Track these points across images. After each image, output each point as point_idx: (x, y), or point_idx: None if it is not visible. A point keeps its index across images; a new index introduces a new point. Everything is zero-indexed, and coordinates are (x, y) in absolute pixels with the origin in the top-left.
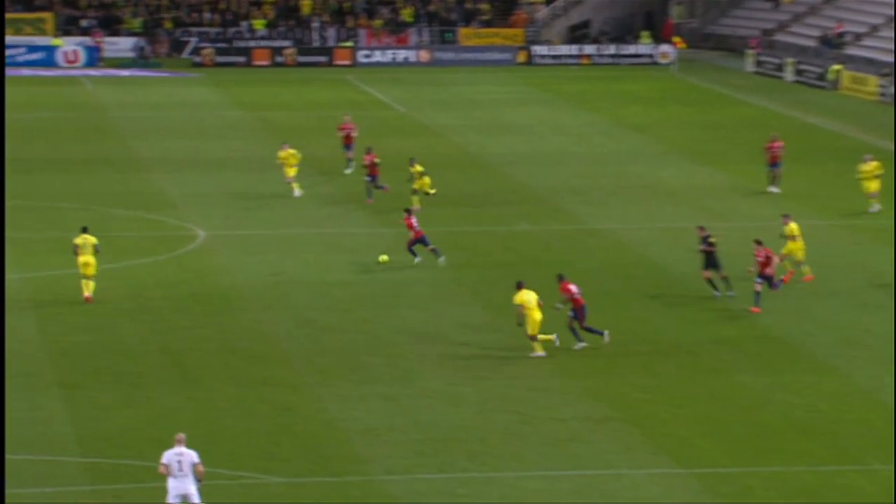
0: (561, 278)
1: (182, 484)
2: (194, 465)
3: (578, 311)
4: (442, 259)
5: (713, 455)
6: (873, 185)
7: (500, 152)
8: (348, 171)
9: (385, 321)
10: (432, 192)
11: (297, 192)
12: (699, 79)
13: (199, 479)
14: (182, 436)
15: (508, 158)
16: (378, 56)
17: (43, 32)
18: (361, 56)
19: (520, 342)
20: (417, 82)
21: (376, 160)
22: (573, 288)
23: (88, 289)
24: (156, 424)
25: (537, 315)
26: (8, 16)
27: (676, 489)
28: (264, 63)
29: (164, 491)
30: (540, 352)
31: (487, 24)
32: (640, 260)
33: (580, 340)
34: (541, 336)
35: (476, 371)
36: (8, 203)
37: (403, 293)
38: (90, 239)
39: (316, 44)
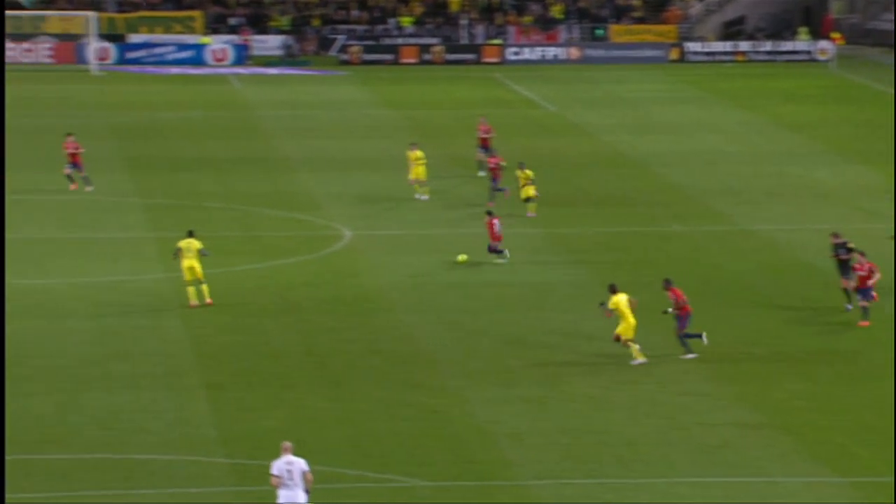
0: (669, 284)
1: (293, 493)
2: (304, 474)
3: (683, 319)
4: (506, 254)
5: (871, 464)
6: None
7: (651, 151)
8: (483, 174)
9: (531, 323)
10: (532, 195)
11: (423, 195)
12: (859, 76)
13: (307, 487)
14: (289, 444)
15: (660, 158)
16: (527, 53)
17: (192, 31)
18: (510, 53)
19: (670, 345)
20: (567, 80)
21: (502, 163)
22: (682, 294)
23: (195, 295)
24: (301, 426)
25: (632, 319)
26: (158, 14)
27: (832, 498)
28: (412, 61)
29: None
30: (641, 358)
31: (639, 20)
32: (793, 262)
33: (690, 352)
34: (632, 344)
35: (625, 375)
36: (156, 202)
37: (549, 294)
38: (195, 243)
39: (464, 41)
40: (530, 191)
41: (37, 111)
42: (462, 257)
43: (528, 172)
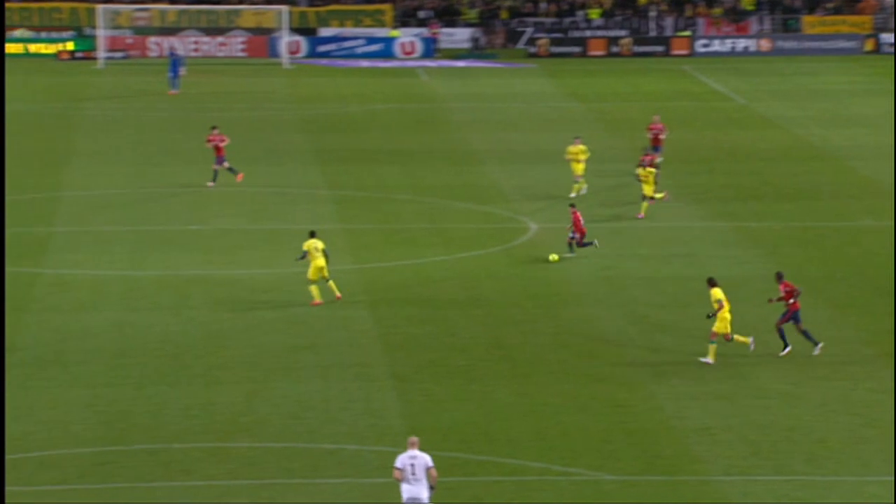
0: (781, 277)
1: (415, 489)
2: (428, 470)
3: (790, 313)
4: (595, 243)
5: None
6: None
7: (844, 145)
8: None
9: None
10: (659, 196)
11: (583, 189)
12: None
13: (432, 483)
14: (415, 439)
15: (853, 151)
16: (717, 45)
17: (381, 24)
18: (699, 46)
19: (863, 342)
20: (757, 72)
21: (656, 161)
22: (794, 289)
23: (318, 294)
24: (488, 419)
25: (728, 315)
26: (348, 7)
27: None
28: (600, 53)
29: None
30: (710, 358)
31: (833, 11)
32: None
33: (787, 346)
34: (737, 337)
35: (815, 370)
36: (345, 194)
37: (739, 289)
38: (319, 243)
39: (653, 33)
40: (649, 189)
41: (229, 104)
42: (554, 256)
43: (651, 170)
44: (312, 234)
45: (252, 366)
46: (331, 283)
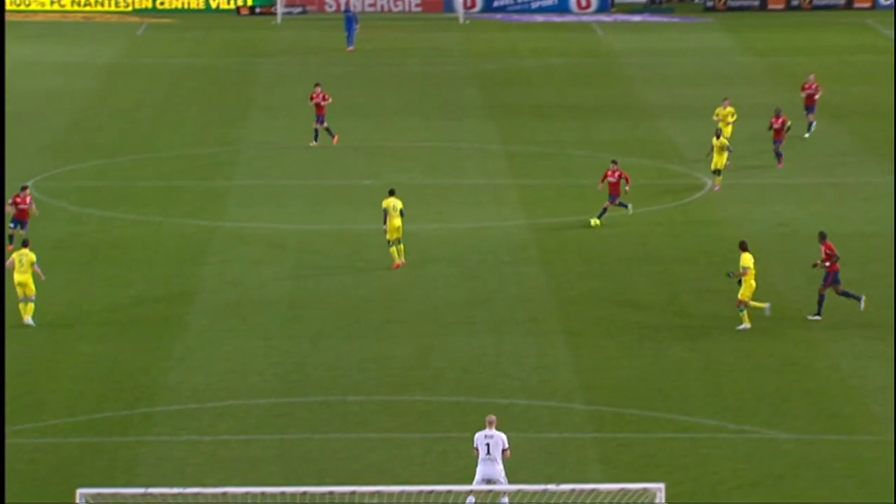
0: (824, 237)
1: (489, 468)
2: (503, 451)
3: (831, 276)
4: (630, 208)
5: None
6: None
7: None
8: (807, 136)
9: None
10: (722, 166)
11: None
12: None
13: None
14: (493, 418)
15: None
16: None
17: None
18: None
19: None
20: None
21: (788, 123)
22: (834, 251)
23: (396, 255)
24: (661, 376)
25: (753, 282)
26: None
27: None
28: (779, 7)
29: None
30: (746, 324)
31: None
32: None
33: (819, 314)
34: (753, 303)
35: None
36: (518, 149)
37: None
38: (398, 203)
39: None
40: (722, 161)
41: (404, 60)
42: (595, 221)
43: (724, 140)
44: (392, 193)
45: (426, 320)
46: (401, 246)
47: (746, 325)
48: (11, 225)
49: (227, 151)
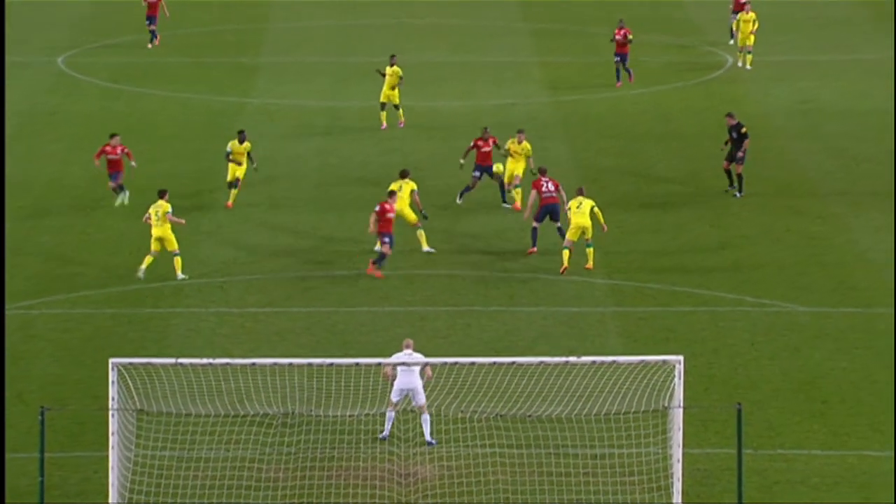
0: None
1: (406, 378)
2: (423, 368)
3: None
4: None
5: None
6: None
7: None
8: None
9: None
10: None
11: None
12: None
13: (427, 379)
14: (410, 341)
15: None
16: None
17: None
18: None
19: None
20: None
21: None
22: None
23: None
24: (683, 250)
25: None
26: None
27: None
28: None
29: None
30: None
31: None
32: None
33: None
34: None
35: None
36: (542, 27)
37: None
38: (410, 185)
39: None
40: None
41: None
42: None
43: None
44: (404, 175)
45: (452, 196)
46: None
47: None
48: (112, 182)
49: (255, 28)
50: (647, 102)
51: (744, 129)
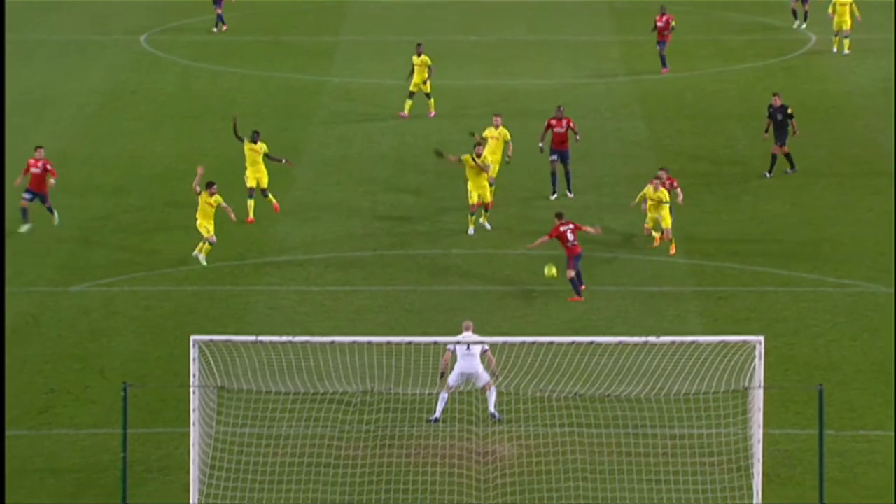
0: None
1: (467, 363)
2: (483, 353)
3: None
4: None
5: None
6: None
7: None
8: None
9: None
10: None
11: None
12: None
13: (492, 370)
14: (469, 323)
15: None
16: None
17: None
18: None
19: None
20: None
21: None
22: None
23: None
24: (761, 230)
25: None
26: None
27: None
28: None
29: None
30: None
31: None
32: None
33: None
34: None
35: None
36: (622, 5)
37: None
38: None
39: None
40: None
41: None
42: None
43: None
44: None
45: (528, 175)
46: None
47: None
48: (26, 196)
49: (334, 6)
50: (728, 81)
51: (790, 110)
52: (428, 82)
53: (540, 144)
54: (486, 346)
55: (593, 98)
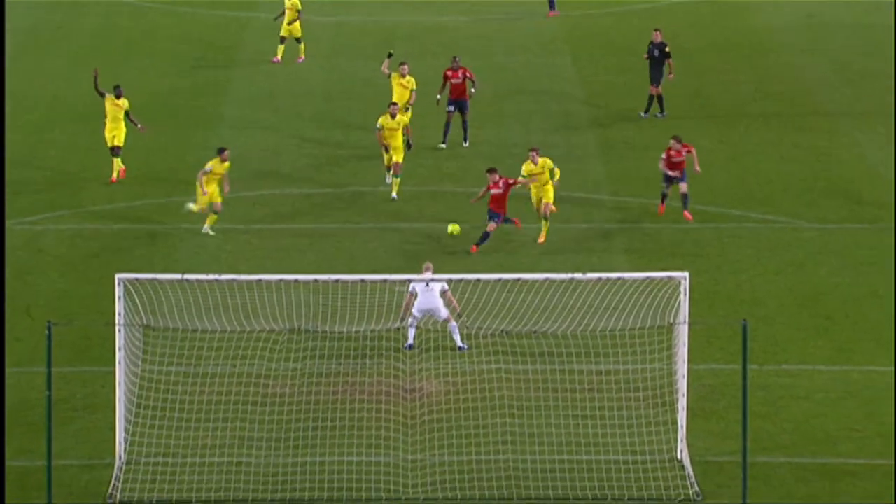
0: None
1: (427, 298)
2: (443, 293)
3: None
4: None
5: None
6: None
7: None
8: None
9: None
10: None
11: None
12: None
13: (454, 306)
14: (429, 265)
15: None
16: None
17: None
18: None
19: None
20: None
21: None
22: None
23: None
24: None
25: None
26: None
27: None
28: None
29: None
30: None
31: None
32: None
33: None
34: None
35: None
36: None
37: None
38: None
39: None
40: None
41: None
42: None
43: None
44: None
45: None
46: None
47: None
48: None
49: None
50: (653, 18)
51: (667, 48)
52: (296, 23)
53: (438, 97)
54: (447, 287)
55: (521, 35)
